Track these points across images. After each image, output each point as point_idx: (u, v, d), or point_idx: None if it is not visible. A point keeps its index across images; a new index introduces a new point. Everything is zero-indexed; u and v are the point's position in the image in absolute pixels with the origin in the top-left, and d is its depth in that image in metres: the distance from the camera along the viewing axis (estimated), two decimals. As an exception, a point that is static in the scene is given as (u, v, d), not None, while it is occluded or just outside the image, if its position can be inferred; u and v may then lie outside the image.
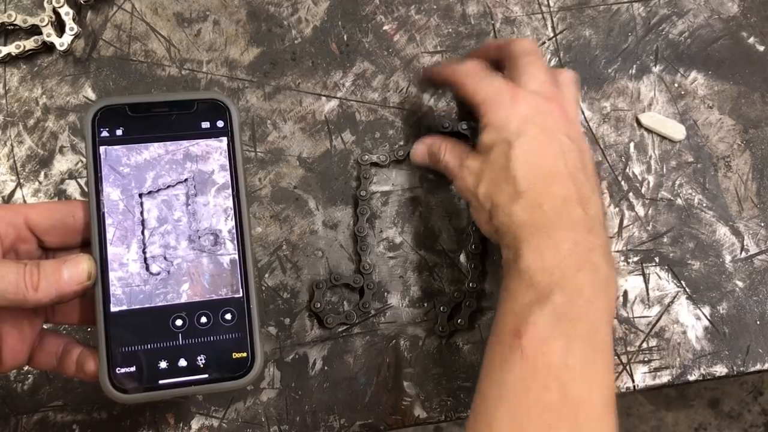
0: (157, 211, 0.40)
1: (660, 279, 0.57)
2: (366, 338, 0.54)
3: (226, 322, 0.40)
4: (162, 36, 0.58)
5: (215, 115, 0.42)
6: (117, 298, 0.39)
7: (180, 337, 0.39)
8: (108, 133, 0.41)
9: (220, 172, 0.41)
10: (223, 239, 0.41)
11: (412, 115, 0.59)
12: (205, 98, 0.42)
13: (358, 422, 0.52)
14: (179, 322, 0.39)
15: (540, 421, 0.39)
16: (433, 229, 0.57)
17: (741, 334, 0.57)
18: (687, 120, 0.61)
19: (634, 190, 0.59)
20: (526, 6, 0.62)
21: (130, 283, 0.39)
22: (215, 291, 0.40)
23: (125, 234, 0.40)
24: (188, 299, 0.40)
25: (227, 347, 0.39)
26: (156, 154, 0.41)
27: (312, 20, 0.60)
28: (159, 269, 0.40)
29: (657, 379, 0.55)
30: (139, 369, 0.38)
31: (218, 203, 0.41)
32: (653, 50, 0.62)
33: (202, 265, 0.40)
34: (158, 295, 0.39)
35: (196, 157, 0.41)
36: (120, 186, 0.40)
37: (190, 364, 0.39)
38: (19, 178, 0.54)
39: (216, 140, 0.42)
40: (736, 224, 0.59)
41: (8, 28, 0.57)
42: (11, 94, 0.56)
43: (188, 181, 0.41)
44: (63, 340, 0.41)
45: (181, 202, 0.41)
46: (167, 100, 0.42)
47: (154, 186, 0.41)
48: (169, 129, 0.41)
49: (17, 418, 0.50)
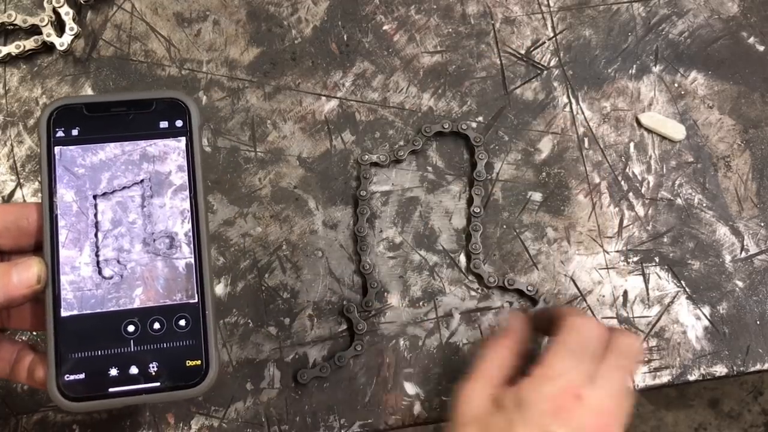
0: (111, 213, 0.39)
1: (660, 279, 0.57)
2: (366, 338, 0.54)
3: (180, 328, 0.38)
4: (162, 36, 0.58)
5: (174, 115, 0.41)
6: (68, 303, 0.38)
7: (132, 344, 0.38)
8: (63, 133, 0.40)
9: (177, 173, 0.40)
10: (179, 242, 0.39)
11: (412, 115, 0.59)
12: (164, 97, 0.41)
13: (358, 422, 0.52)
14: (131, 327, 0.38)
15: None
16: (433, 229, 0.57)
17: (741, 334, 0.57)
18: (687, 120, 0.61)
19: (634, 190, 0.59)
20: (526, 6, 0.62)
21: (82, 287, 0.38)
22: (169, 296, 0.39)
23: (78, 237, 0.38)
24: (141, 304, 0.38)
25: (181, 354, 0.38)
26: (112, 155, 0.40)
27: (312, 20, 0.60)
28: (112, 273, 0.38)
29: (657, 379, 0.55)
30: (88, 376, 0.37)
31: (175, 205, 0.40)
32: (653, 50, 0.62)
33: (157, 269, 0.39)
34: (110, 300, 0.38)
35: (153, 157, 0.40)
36: (74, 187, 0.39)
37: (142, 372, 0.37)
38: (19, 178, 0.54)
39: (174, 140, 0.40)
40: (736, 224, 0.59)
41: (8, 28, 0.57)
42: (11, 94, 0.56)
43: (144, 182, 0.40)
44: (17, 347, 0.40)
45: (136, 204, 0.40)
46: (125, 99, 0.41)
47: (109, 187, 0.39)
48: (127, 129, 0.40)
49: (17, 418, 0.50)
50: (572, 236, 0.57)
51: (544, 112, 0.60)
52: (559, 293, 0.56)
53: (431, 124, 0.57)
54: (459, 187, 0.58)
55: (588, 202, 0.58)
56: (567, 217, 0.58)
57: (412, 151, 0.57)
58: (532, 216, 0.58)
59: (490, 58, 0.61)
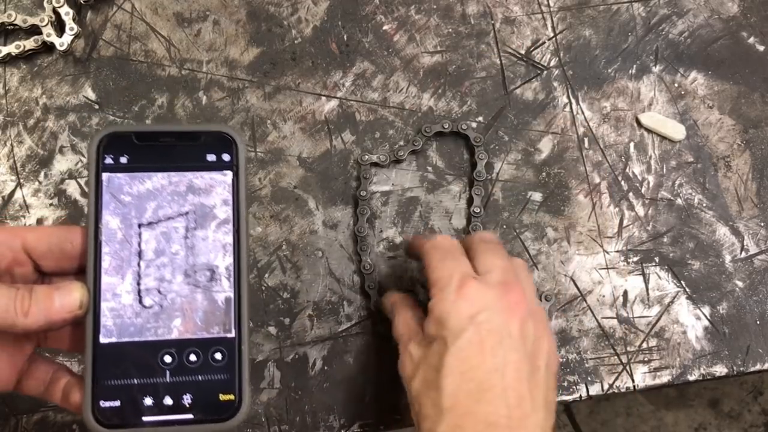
0: (155, 243, 0.39)
1: (660, 279, 0.57)
2: (366, 338, 0.54)
3: (216, 361, 0.38)
4: (162, 36, 0.58)
5: (221, 148, 0.41)
6: (107, 329, 0.38)
7: (168, 374, 0.38)
8: (112, 160, 0.40)
9: (222, 207, 0.40)
10: (220, 276, 0.39)
11: (412, 115, 0.59)
12: (212, 130, 0.41)
13: (358, 422, 0.52)
14: (168, 358, 0.38)
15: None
16: (433, 229, 0.57)
17: (741, 334, 0.57)
18: (687, 120, 0.61)
19: (634, 190, 0.59)
20: (526, 6, 0.62)
21: (122, 315, 0.38)
22: (207, 329, 0.39)
23: (121, 264, 0.39)
24: (179, 335, 0.38)
25: (215, 388, 0.38)
26: (159, 185, 0.40)
27: (312, 20, 0.60)
28: (152, 302, 0.38)
29: (657, 379, 0.55)
30: (123, 404, 0.37)
31: (217, 238, 0.40)
32: (653, 50, 0.62)
33: (196, 301, 0.39)
34: (149, 329, 0.38)
35: (198, 189, 0.40)
36: (120, 215, 0.39)
37: (176, 403, 0.37)
38: (19, 178, 0.54)
39: (220, 174, 0.40)
40: (736, 224, 0.59)
41: (8, 28, 0.57)
42: (11, 94, 0.56)
43: (189, 213, 0.40)
44: (52, 367, 0.40)
45: (179, 235, 0.39)
46: (175, 131, 0.41)
47: (154, 217, 0.39)
48: (174, 159, 0.40)
49: (17, 418, 0.50)
50: (572, 236, 0.57)
51: (544, 112, 0.60)
52: (559, 293, 0.56)
53: (431, 124, 0.57)
54: (459, 187, 0.58)
55: (588, 202, 0.58)
56: (567, 217, 0.58)
57: (412, 151, 0.57)
58: (532, 216, 0.58)
59: (490, 58, 0.61)
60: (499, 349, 0.42)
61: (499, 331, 0.42)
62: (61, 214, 0.54)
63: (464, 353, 0.42)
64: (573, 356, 0.55)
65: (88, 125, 0.56)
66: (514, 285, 0.44)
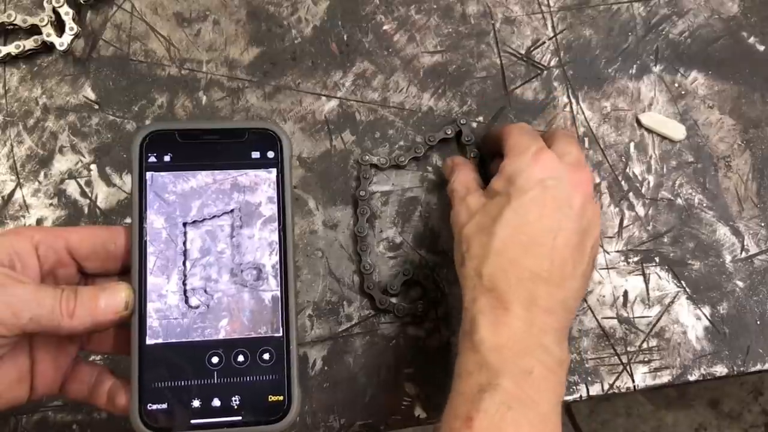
0: (200, 242, 0.39)
1: (660, 279, 0.57)
2: (366, 338, 0.54)
3: (264, 362, 0.38)
4: (162, 36, 0.58)
5: (266, 146, 0.40)
6: (153, 331, 0.37)
7: (215, 376, 0.37)
8: (156, 158, 0.39)
9: (267, 204, 0.40)
10: (266, 274, 0.39)
11: (412, 115, 0.59)
12: (257, 128, 0.41)
13: (358, 422, 0.52)
14: (215, 359, 0.37)
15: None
16: (433, 229, 0.57)
17: (741, 334, 0.57)
18: (687, 120, 0.61)
19: (634, 190, 0.59)
20: (526, 6, 0.62)
21: (168, 316, 0.37)
22: (254, 329, 0.38)
23: (166, 264, 0.38)
24: (226, 336, 0.38)
25: (263, 389, 0.37)
26: (203, 183, 0.39)
27: (312, 20, 0.60)
28: (198, 302, 0.38)
29: (657, 379, 0.55)
30: (171, 406, 0.36)
31: (263, 236, 0.39)
32: (653, 50, 0.62)
33: (243, 301, 0.38)
34: (196, 330, 0.38)
35: (243, 187, 0.40)
36: (164, 214, 0.39)
37: (224, 405, 0.37)
38: (19, 178, 0.54)
39: (265, 171, 0.40)
40: (736, 224, 0.59)
41: (8, 28, 0.57)
42: (11, 94, 0.56)
43: (234, 212, 0.39)
44: (96, 370, 0.40)
45: (225, 234, 0.39)
46: (218, 128, 0.41)
47: (199, 215, 0.39)
48: (218, 158, 0.40)
49: (17, 418, 0.50)
50: (572, 236, 0.57)
51: (545, 112, 0.60)
52: (559, 293, 0.56)
53: (434, 132, 0.57)
54: (459, 187, 0.58)
55: (588, 202, 0.58)
56: (567, 217, 0.58)
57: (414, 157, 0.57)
58: (532, 216, 0.57)
59: (490, 58, 0.60)
60: (557, 214, 0.45)
61: (563, 199, 0.45)
62: (61, 214, 0.54)
63: (524, 209, 0.44)
64: (573, 356, 0.55)
65: (87, 125, 0.56)
66: (586, 168, 0.48)
